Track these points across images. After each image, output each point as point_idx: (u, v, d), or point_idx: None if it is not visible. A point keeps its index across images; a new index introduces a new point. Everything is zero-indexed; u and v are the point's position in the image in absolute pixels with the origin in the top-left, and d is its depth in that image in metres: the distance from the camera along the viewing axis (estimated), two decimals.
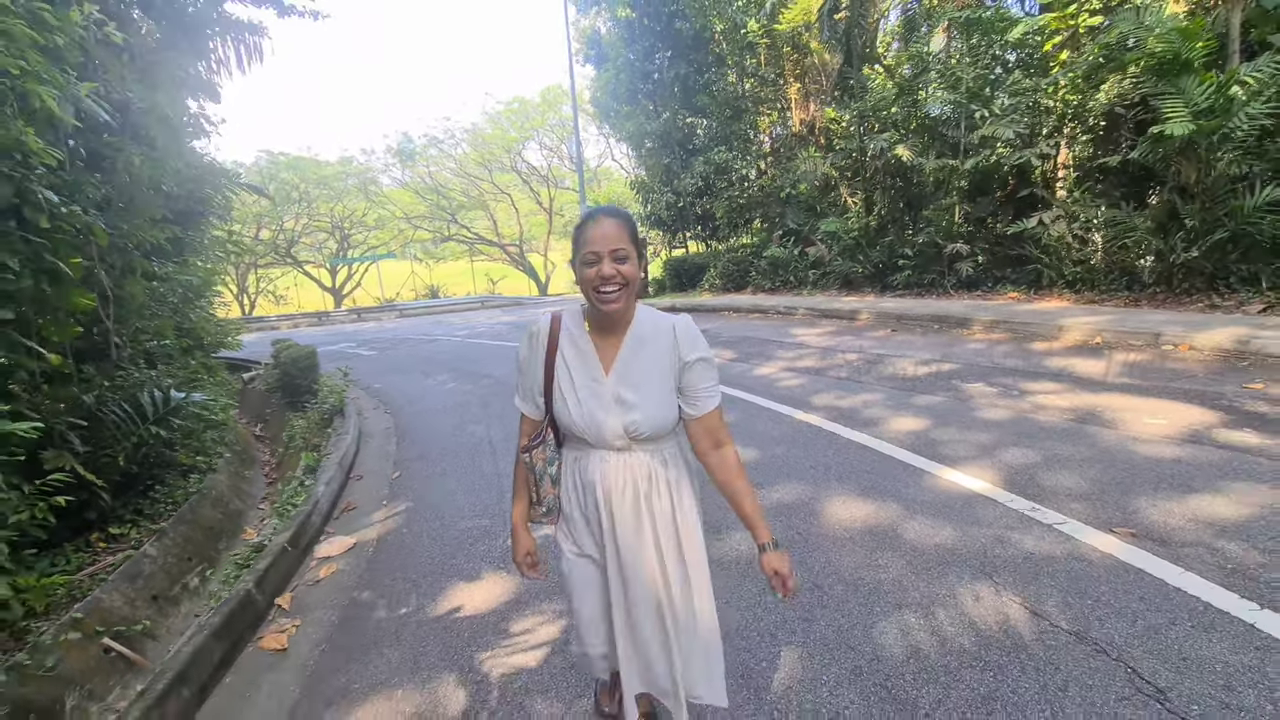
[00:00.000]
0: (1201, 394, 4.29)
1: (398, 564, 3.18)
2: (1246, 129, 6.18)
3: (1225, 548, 2.42)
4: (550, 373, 1.43)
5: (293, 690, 2.28)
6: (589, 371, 1.42)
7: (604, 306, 1.34)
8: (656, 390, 1.40)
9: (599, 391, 1.40)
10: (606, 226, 1.32)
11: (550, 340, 1.44)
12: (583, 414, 1.40)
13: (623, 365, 1.41)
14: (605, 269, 1.31)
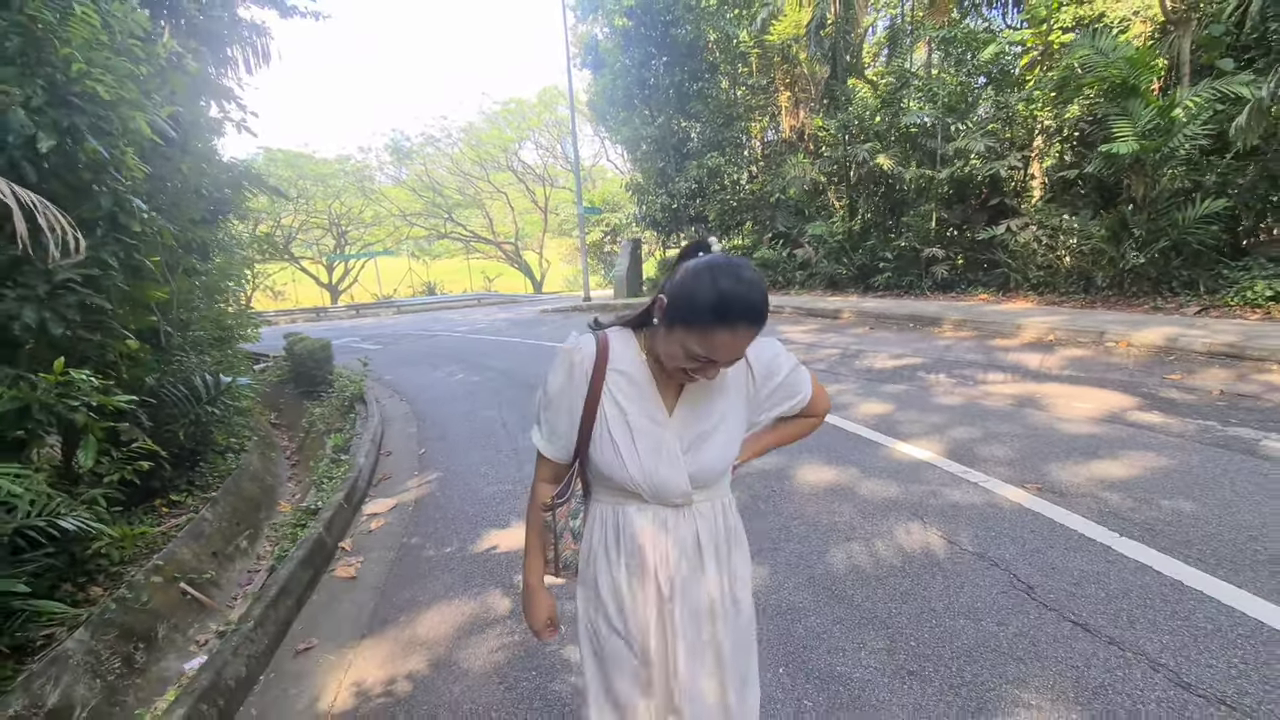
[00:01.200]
0: (1127, 383, 4.96)
1: (437, 517, 3.78)
2: (1187, 148, 6.86)
3: (1107, 497, 3.06)
4: (592, 413, 1.12)
5: (369, 603, 2.88)
6: (647, 411, 1.11)
7: (684, 378, 1.08)
8: (729, 424, 1.14)
9: (663, 438, 1.10)
10: (741, 339, 0.98)
11: (596, 372, 1.12)
12: (643, 469, 1.10)
13: (690, 403, 1.13)
14: (709, 372, 1.04)
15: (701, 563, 1.15)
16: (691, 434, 1.11)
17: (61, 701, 2.26)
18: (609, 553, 1.17)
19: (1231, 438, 3.66)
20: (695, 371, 1.03)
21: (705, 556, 1.15)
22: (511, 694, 2.10)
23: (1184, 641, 2.01)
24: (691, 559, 1.15)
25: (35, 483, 2.71)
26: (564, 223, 38.15)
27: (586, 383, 1.12)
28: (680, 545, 1.14)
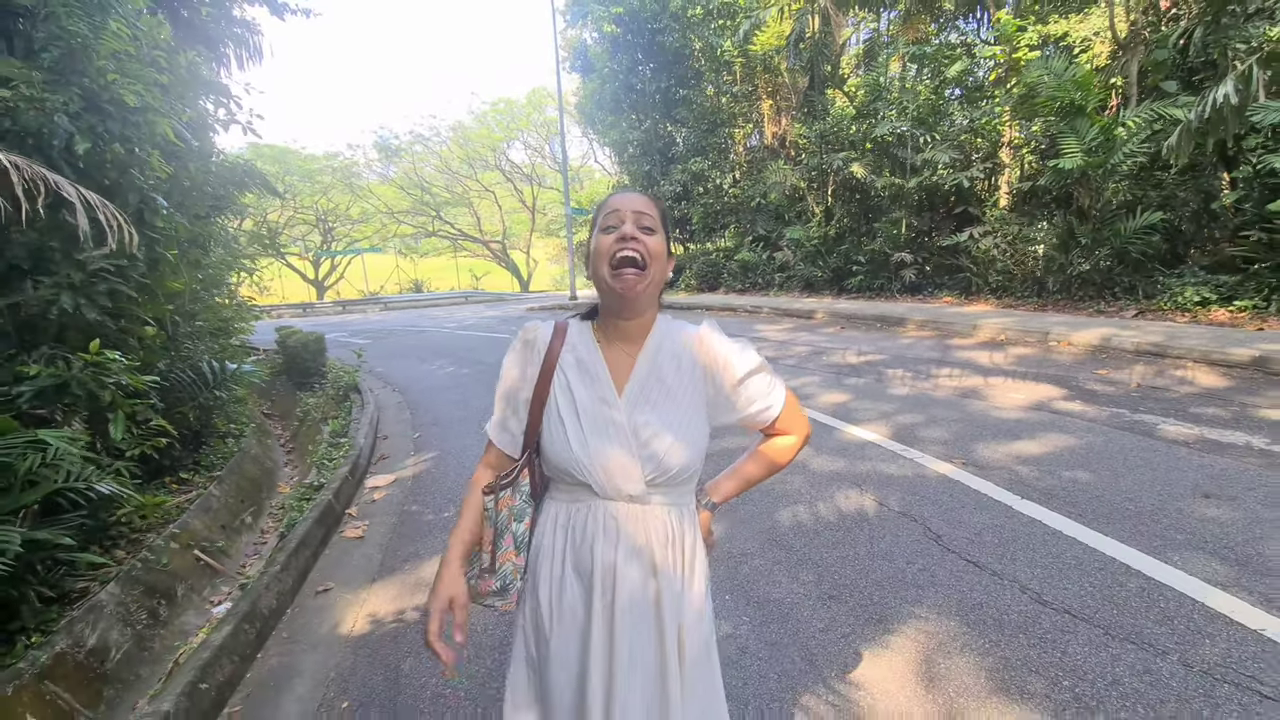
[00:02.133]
0: (1059, 377, 5.48)
1: (433, 489, 4.19)
2: (1128, 165, 7.44)
3: (1018, 469, 3.55)
4: (542, 393, 1.11)
5: (376, 556, 3.29)
6: (596, 391, 1.10)
7: (619, 284, 1.06)
8: (685, 417, 1.10)
9: (609, 417, 1.08)
10: (633, 196, 1.10)
11: (550, 352, 1.13)
12: (585, 448, 1.07)
13: (640, 383, 1.11)
14: (627, 228, 1.05)
15: (654, 570, 1.07)
16: (643, 414, 1.08)
17: (99, 644, 2.62)
18: (554, 549, 1.10)
19: (1135, 422, 4.18)
20: (620, 250, 1.04)
21: (658, 564, 1.07)
22: (501, 621, 2.53)
23: (1050, 573, 2.49)
24: (644, 564, 1.06)
25: (77, 449, 3.08)
26: (551, 223, 38.48)
27: (540, 362, 1.13)
28: (630, 546, 1.06)
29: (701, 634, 1.11)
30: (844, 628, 2.28)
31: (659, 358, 1.12)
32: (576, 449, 1.06)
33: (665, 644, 1.06)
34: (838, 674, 2.04)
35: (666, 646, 1.06)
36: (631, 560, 1.06)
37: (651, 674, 1.05)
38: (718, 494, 1.23)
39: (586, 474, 1.06)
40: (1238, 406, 4.34)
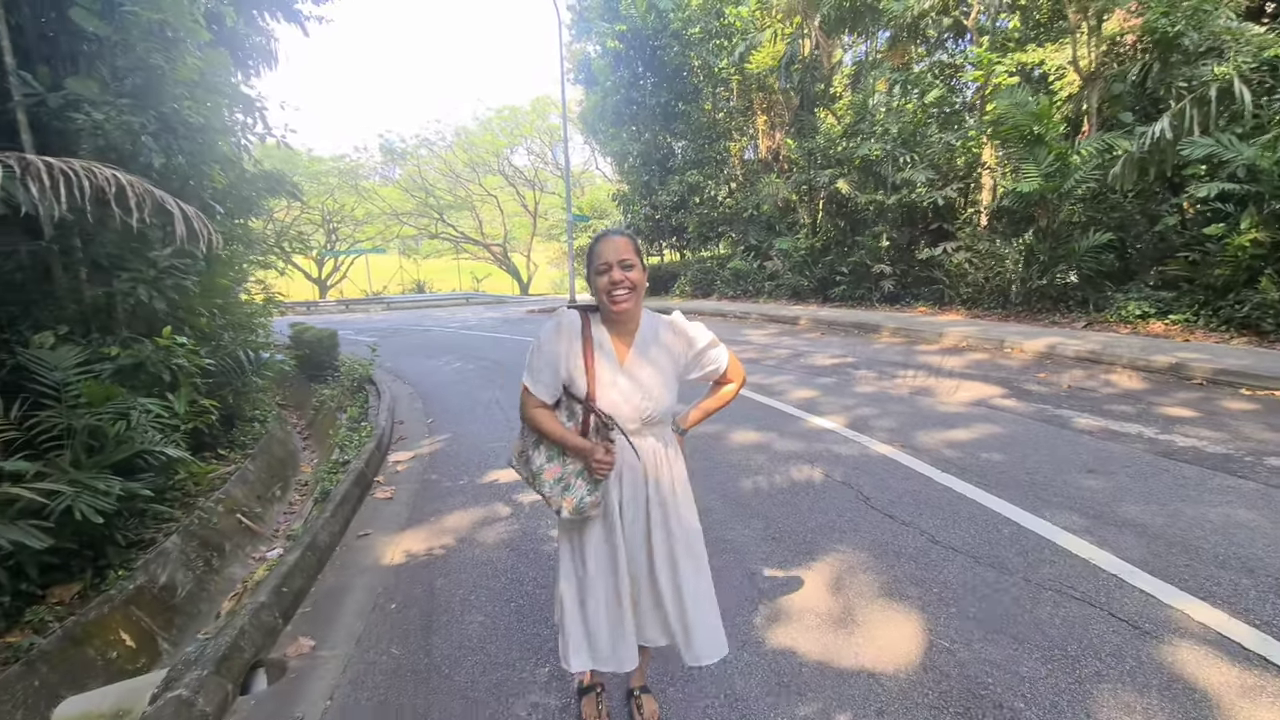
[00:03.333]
0: (1004, 379, 6.16)
1: (449, 463, 4.84)
2: (1082, 190, 8.16)
3: (946, 451, 4.22)
4: (590, 360, 1.63)
5: (404, 512, 3.93)
6: (609, 364, 1.65)
7: (615, 307, 1.59)
8: (663, 381, 1.67)
9: (617, 381, 1.64)
10: (615, 241, 1.59)
11: (584, 332, 1.65)
12: (608, 399, 1.63)
13: (634, 360, 1.66)
14: (615, 275, 1.56)
15: (646, 478, 1.69)
16: (637, 379, 1.65)
17: (168, 582, 3.23)
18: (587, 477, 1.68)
19: (1055, 416, 4.86)
20: (612, 290, 1.58)
21: (649, 473, 1.69)
22: (514, 553, 3.18)
23: (947, 523, 3.15)
24: (650, 469, 1.69)
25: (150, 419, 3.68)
26: (552, 227, 39.17)
27: (580, 339, 1.64)
28: (630, 461, 1.67)
29: (691, 519, 1.78)
30: (780, 558, 2.94)
31: (645, 340, 1.68)
32: (603, 400, 1.63)
33: (670, 519, 1.72)
34: (770, 587, 2.70)
35: (671, 520, 1.72)
36: (640, 467, 1.69)
37: (663, 539, 1.72)
38: (685, 422, 1.85)
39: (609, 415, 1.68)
40: (1144, 404, 5.03)
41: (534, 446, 1.70)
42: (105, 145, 4.00)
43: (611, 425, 1.63)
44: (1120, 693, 1.94)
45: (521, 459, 1.75)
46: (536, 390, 1.67)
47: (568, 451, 1.67)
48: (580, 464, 1.65)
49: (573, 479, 1.65)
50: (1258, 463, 3.69)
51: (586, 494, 1.64)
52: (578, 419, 1.66)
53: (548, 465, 1.67)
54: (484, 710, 2.05)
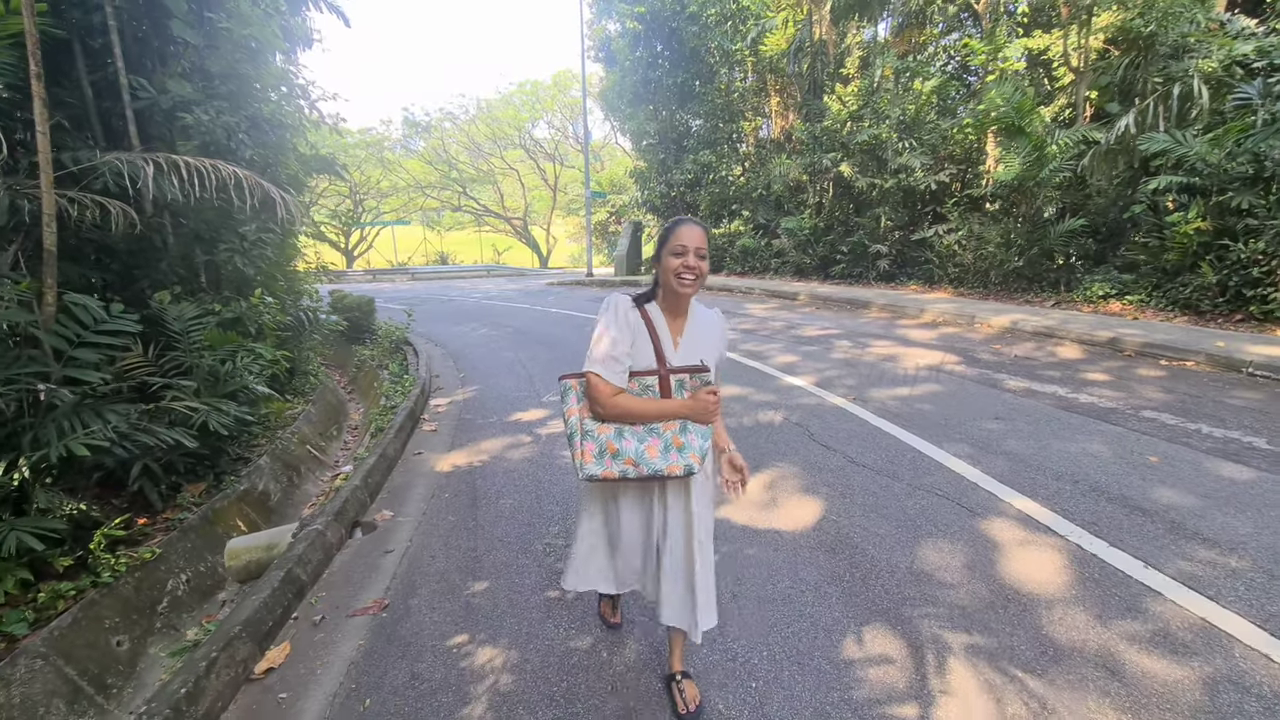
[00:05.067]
0: (963, 350, 7.00)
1: (481, 407, 5.85)
2: (1058, 179, 8.83)
3: (889, 403, 5.12)
4: (655, 333, 1.75)
5: (448, 439, 4.95)
6: (665, 344, 1.76)
7: (681, 289, 1.70)
8: (711, 360, 1.81)
9: (673, 360, 1.77)
10: (696, 231, 1.70)
11: (642, 311, 1.77)
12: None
13: (687, 342, 1.80)
14: (690, 260, 1.68)
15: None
16: (690, 360, 1.77)
17: (264, 489, 4.26)
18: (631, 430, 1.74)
19: (992, 379, 5.72)
20: (683, 273, 1.68)
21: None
22: (534, 465, 4.18)
23: (866, 451, 4.08)
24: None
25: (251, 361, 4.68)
26: (572, 201, 39.90)
27: (642, 321, 1.75)
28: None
29: (712, 491, 1.95)
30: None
31: (696, 325, 1.84)
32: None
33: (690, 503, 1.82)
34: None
35: (696, 497, 1.82)
36: None
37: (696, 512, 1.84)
38: (726, 442, 1.95)
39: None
40: (1071, 371, 5.86)
41: (617, 438, 1.70)
42: (209, 140, 4.96)
43: (700, 374, 1.77)
44: (938, 542, 2.88)
45: (603, 458, 1.71)
46: (611, 377, 1.70)
47: (660, 422, 1.72)
48: (676, 425, 1.71)
49: (680, 438, 1.69)
50: (1134, 414, 4.55)
51: (703, 440, 1.71)
52: (653, 392, 1.76)
53: (644, 446, 1.69)
54: (513, 546, 3.06)
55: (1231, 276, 6.79)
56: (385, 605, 2.62)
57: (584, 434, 1.71)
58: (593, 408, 1.73)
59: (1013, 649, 2.16)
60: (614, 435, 1.70)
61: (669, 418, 1.70)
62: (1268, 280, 6.48)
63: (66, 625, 2.68)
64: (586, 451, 1.70)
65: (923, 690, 1.99)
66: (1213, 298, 7.02)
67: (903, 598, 2.48)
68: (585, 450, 1.70)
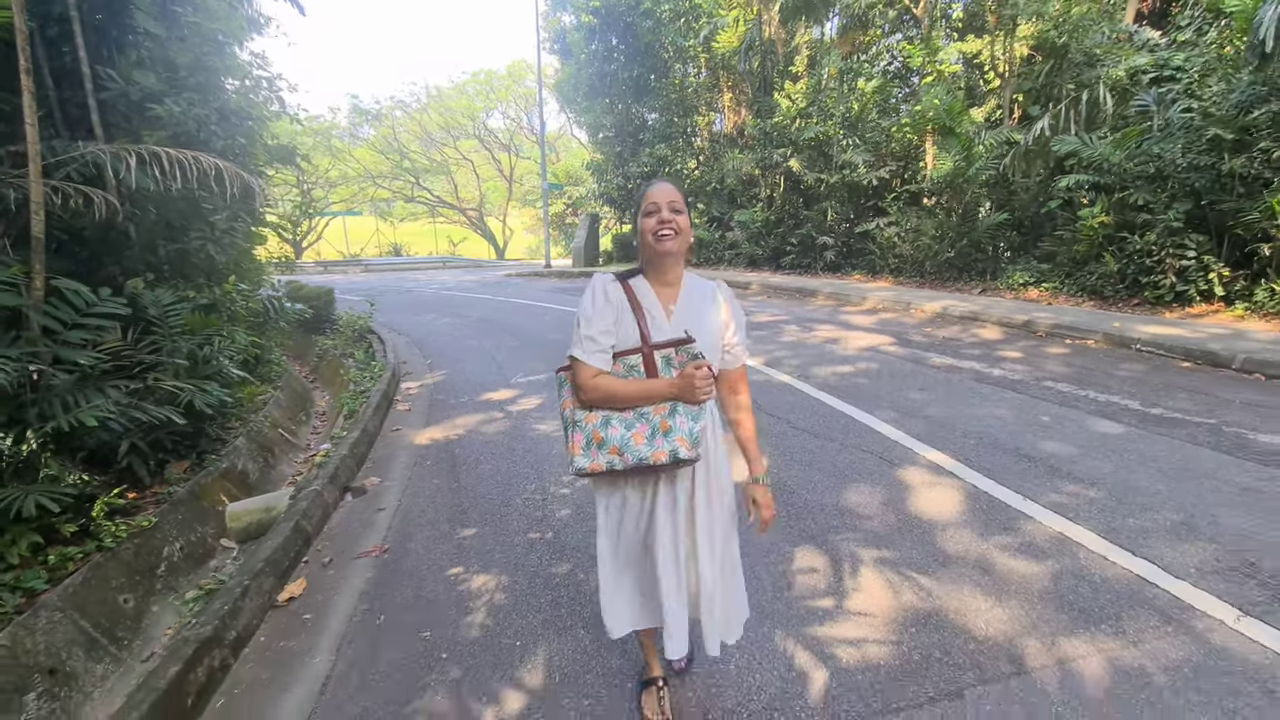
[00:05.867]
0: (898, 333, 7.65)
1: (450, 388, 6.16)
2: (984, 176, 9.61)
3: (828, 378, 5.67)
4: (639, 309, 1.59)
5: (422, 417, 5.26)
6: (653, 318, 1.60)
7: (660, 245, 1.56)
8: (709, 334, 1.63)
9: (663, 335, 1.59)
10: (665, 186, 1.59)
11: (626, 289, 1.61)
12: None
13: (679, 315, 1.63)
14: (665, 214, 1.55)
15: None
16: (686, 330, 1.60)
17: (243, 468, 4.50)
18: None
19: (919, 357, 6.35)
20: (658, 230, 1.55)
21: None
22: (508, 436, 4.54)
23: (805, 418, 4.60)
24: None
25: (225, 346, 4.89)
26: (528, 193, 39.76)
27: (624, 296, 1.60)
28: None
29: (731, 487, 1.76)
30: None
31: (691, 297, 1.65)
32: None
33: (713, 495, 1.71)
34: None
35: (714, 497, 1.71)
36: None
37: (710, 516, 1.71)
38: (758, 467, 1.75)
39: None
40: (989, 349, 6.56)
41: (603, 426, 1.56)
42: (180, 131, 5.11)
43: (685, 346, 1.58)
44: (861, 487, 3.41)
45: (590, 449, 1.57)
46: (592, 359, 1.56)
47: (648, 405, 1.56)
48: (665, 408, 1.55)
49: (669, 422, 1.53)
50: (1037, 384, 5.21)
51: (694, 422, 1.53)
52: (639, 372, 1.60)
53: (630, 432, 1.54)
54: (495, 501, 3.45)
55: (1130, 265, 7.62)
56: (386, 549, 2.98)
57: (573, 425, 1.60)
58: (576, 394, 1.61)
59: (911, 559, 2.68)
60: (600, 424, 1.56)
61: (655, 399, 1.55)
62: (1158, 269, 7.32)
63: (78, 584, 2.94)
64: (575, 443, 1.58)
65: (839, 589, 2.49)
66: (1114, 284, 7.86)
67: (828, 527, 2.98)
68: (574, 442, 1.58)
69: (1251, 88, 6.76)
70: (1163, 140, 7.45)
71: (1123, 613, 2.26)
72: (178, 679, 1.99)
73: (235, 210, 5.72)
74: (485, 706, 1.95)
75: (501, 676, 2.07)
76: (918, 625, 2.24)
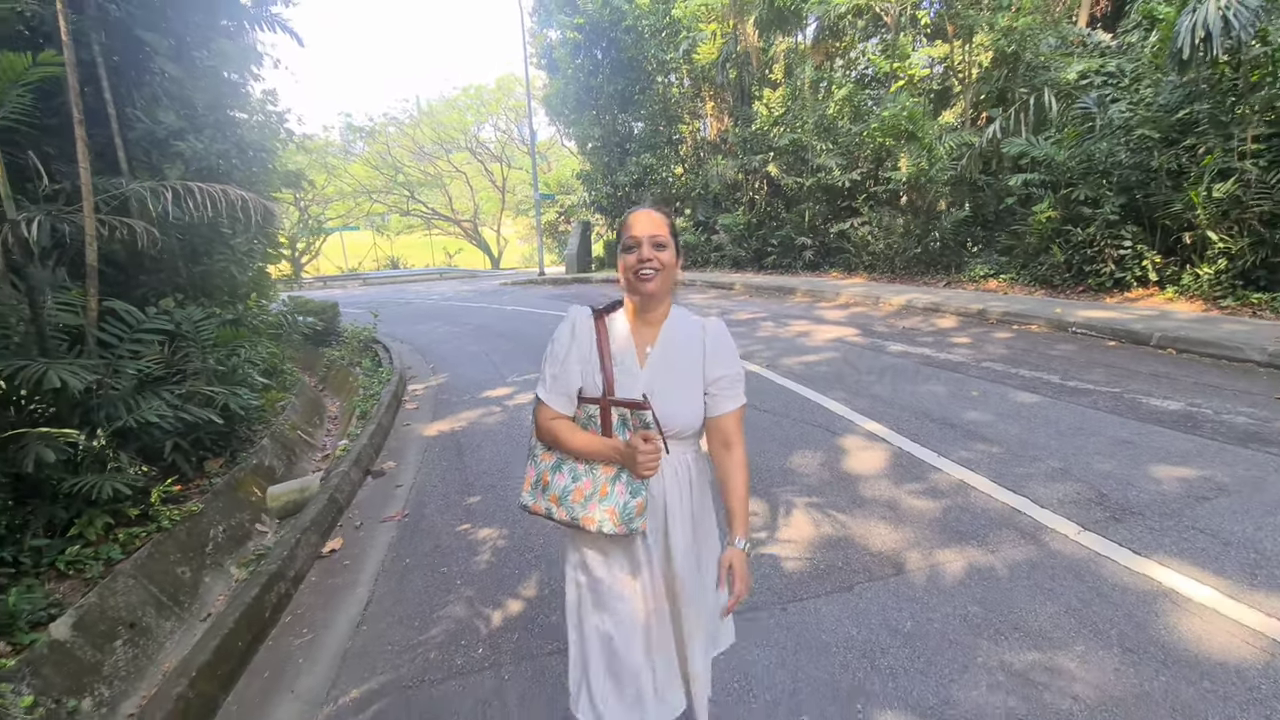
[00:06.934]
0: (864, 325, 8.28)
1: (453, 389, 6.77)
2: (946, 176, 10.27)
3: (794, 367, 6.29)
4: (606, 354, 1.47)
5: (429, 413, 5.87)
6: (624, 363, 1.47)
7: (641, 285, 1.43)
8: (686, 387, 1.48)
9: (631, 386, 1.45)
10: (647, 216, 1.44)
11: (597, 326, 1.50)
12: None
13: (656, 360, 1.48)
14: (644, 252, 1.41)
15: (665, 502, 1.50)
16: (657, 385, 1.45)
17: (269, 465, 5.10)
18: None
19: (879, 345, 6.98)
20: (639, 269, 1.42)
21: (670, 497, 1.50)
22: (507, 426, 5.15)
23: (768, 400, 5.21)
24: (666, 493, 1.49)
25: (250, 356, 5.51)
26: (521, 202, 40.43)
27: (592, 335, 1.49)
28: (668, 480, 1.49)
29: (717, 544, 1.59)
30: None
31: (672, 339, 1.51)
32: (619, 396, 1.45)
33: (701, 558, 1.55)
34: None
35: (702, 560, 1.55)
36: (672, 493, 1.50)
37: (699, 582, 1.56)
38: (740, 531, 1.51)
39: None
40: (943, 336, 7.18)
41: (554, 470, 1.50)
42: (204, 166, 5.74)
43: (640, 411, 1.44)
44: (805, 452, 4.02)
45: (536, 489, 1.52)
46: (553, 401, 1.49)
47: (598, 462, 1.47)
48: (614, 470, 1.45)
49: (609, 486, 1.45)
50: (976, 365, 5.84)
51: (631, 496, 1.43)
52: (596, 424, 1.49)
53: (574, 485, 1.47)
54: (496, 476, 4.06)
55: (1075, 256, 8.27)
56: (406, 515, 3.59)
57: (531, 457, 1.55)
58: (535, 430, 1.54)
59: (835, 503, 3.30)
60: (552, 466, 1.50)
61: (597, 459, 1.46)
62: (1099, 258, 7.96)
63: (145, 557, 3.54)
64: (528, 477, 1.53)
65: (772, 525, 3.11)
66: (1062, 274, 8.50)
67: (772, 483, 3.59)
68: (528, 475, 1.54)
69: (1175, 91, 7.42)
70: (1100, 140, 8.10)
71: (990, 533, 2.88)
72: (257, 598, 2.61)
73: (253, 234, 6.34)
74: (493, 611, 2.56)
75: (505, 593, 2.69)
76: (829, 547, 2.86)
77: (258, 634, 2.58)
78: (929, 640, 2.20)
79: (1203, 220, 6.80)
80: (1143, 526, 2.82)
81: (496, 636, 2.41)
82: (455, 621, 2.52)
